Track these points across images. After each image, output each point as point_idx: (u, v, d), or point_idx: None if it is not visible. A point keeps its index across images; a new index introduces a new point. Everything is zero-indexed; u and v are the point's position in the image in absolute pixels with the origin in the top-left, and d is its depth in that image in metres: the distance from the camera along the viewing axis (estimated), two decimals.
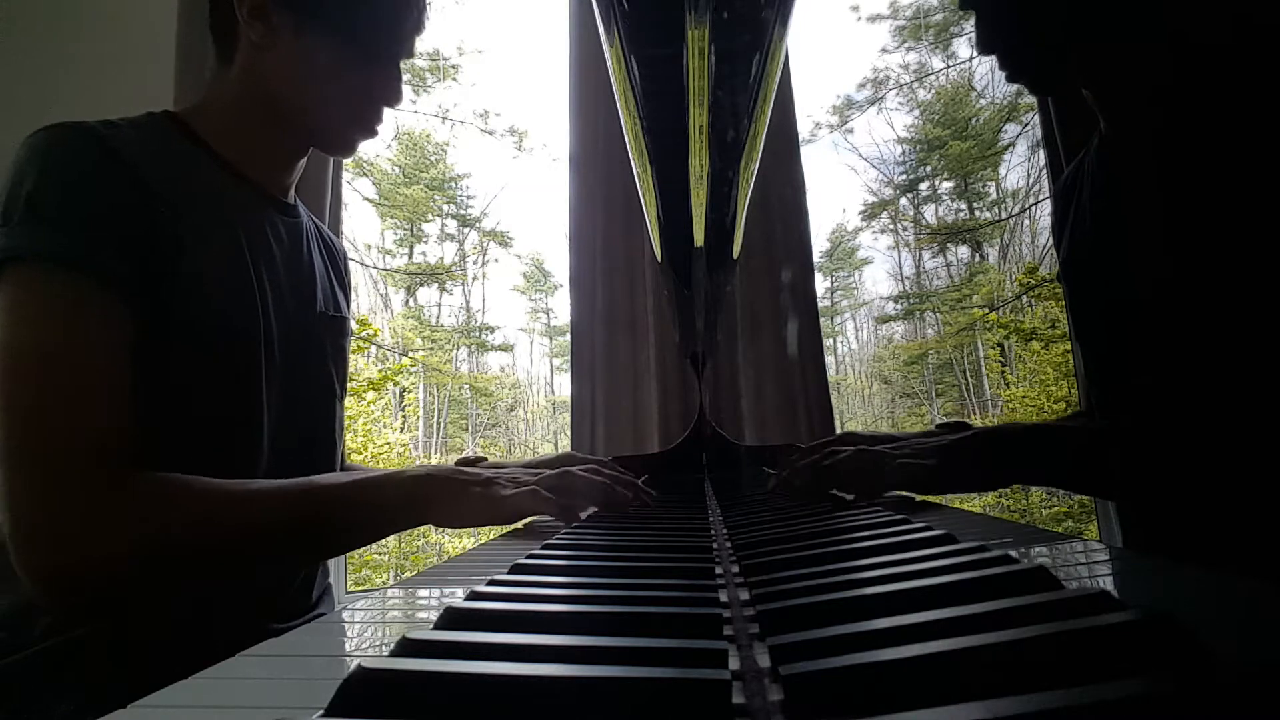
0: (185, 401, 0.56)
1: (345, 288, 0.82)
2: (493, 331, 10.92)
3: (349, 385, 0.80)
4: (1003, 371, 8.86)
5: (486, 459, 0.88)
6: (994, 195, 10.09)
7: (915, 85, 10.19)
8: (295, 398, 0.67)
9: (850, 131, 10.72)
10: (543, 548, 0.41)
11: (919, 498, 0.61)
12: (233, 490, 0.53)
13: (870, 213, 10.85)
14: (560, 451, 0.91)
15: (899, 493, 0.62)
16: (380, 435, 6.59)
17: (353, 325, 0.82)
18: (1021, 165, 9.67)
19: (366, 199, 9.92)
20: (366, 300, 9.93)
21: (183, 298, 0.57)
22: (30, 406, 0.49)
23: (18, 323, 0.51)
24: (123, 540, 0.48)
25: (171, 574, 0.52)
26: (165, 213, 0.57)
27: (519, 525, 0.62)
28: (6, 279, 0.52)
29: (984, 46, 0.67)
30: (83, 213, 0.53)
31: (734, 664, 0.21)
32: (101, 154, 0.56)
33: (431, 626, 0.24)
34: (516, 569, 0.34)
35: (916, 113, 10.37)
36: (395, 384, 7.53)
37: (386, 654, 0.21)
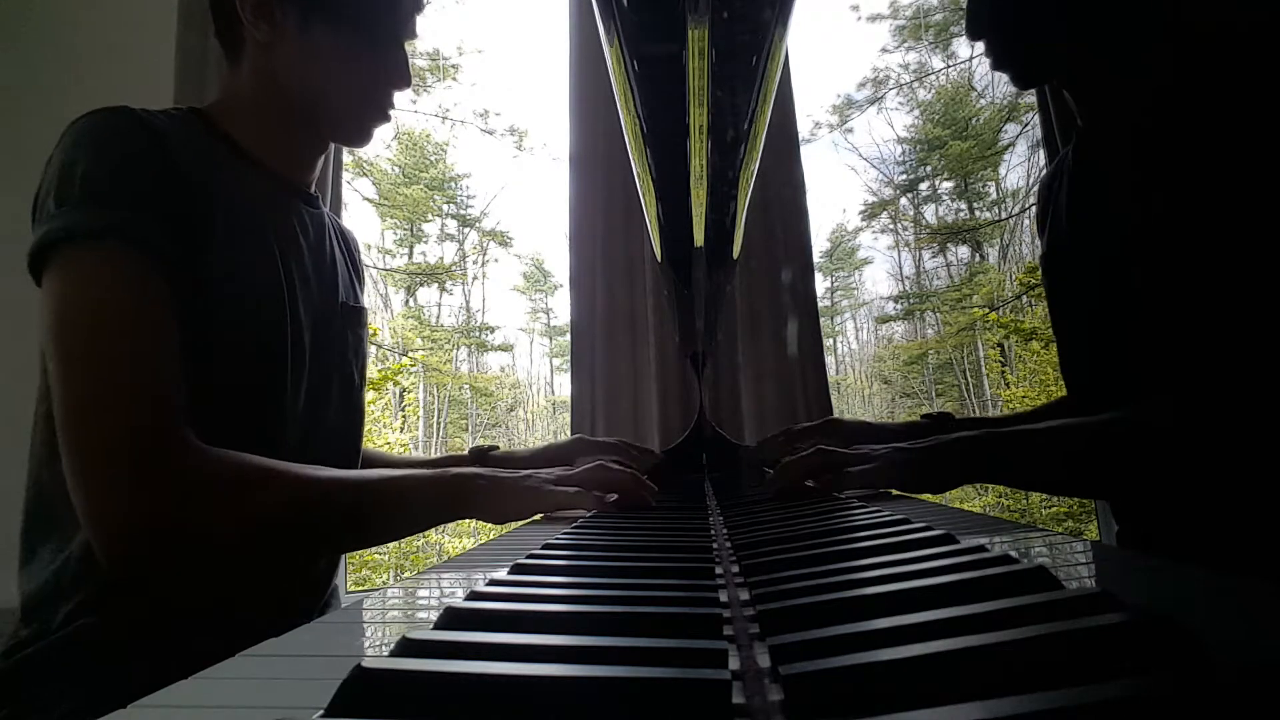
0: (214, 388, 0.57)
1: (359, 276, 0.83)
2: (493, 331, 10.92)
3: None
4: (1003, 371, 8.86)
5: (499, 447, 0.89)
6: (994, 195, 10.09)
7: (915, 85, 10.19)
8: (321, 387, 0.68)
9: (850, 131, 10.72)
10: (543, 548, 0.41)
11: (918, 496, 0.62)
12: (299, 472, 0.55)
13: (870, 213, 10.84)
14: (571, 438, 0.92)
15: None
16: (380, 435, 6.59)
17: (367, 313, 0.83)
18: (1021, 165, 9.66)
19: (366, 199, 9.91)
20: (367, 300, 9.90)
21: (214, 285, 0.58)
22: (99, 377, 0.50)
23: (80, 300, 0.52)
24: (191, 510, 0.50)
25: (231, 547, 0.53)
26: (201, 200, 0.58)
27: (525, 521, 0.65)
28: (66, 258, 0.52)
29: (972, 32, 0.67)
30: (135, 193, 0.54)
31: (734, 664, 0.21)
32: (146, 135, 0.57)
33: (431, 626, 0.24)
34: (516, 569, 0.34)
35: (916, 113, 10.37)
36: (395, 384, 7.53)
37: (386, 654, 0.21)
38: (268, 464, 0.55)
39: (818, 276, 1.48)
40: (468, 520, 0.63)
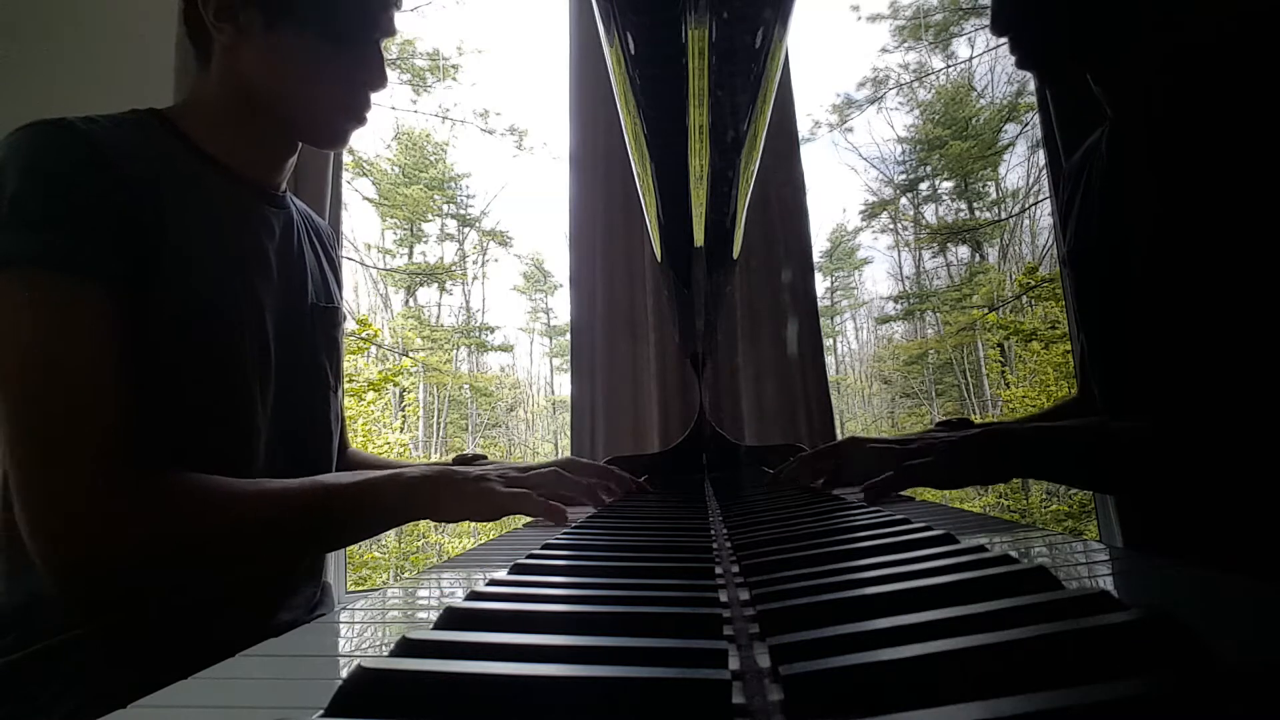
0: (174, 395, 0.56)
1: (336, 272, 0.81)
2: (493, 331, 10.93)
3: (347, 382, 0.80)
4: (1003, 371, 8.87)
5: (485, 456, 0.88)
6: (994, 195, 10.10)
7: (915, 85, 10.19)
8: (289, 390, 0.67)
9: (850, 131, 10.73)
10: (543, 548, 0.41)
11: (919, 496, 0.61)
12: (242, 489, 0.55)
13: (870, 212, 10.85)
14: (562, 457, 0.92)
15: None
16: (380, 435, 6.59)
17: (345, 312, 0.81)
18: (1021, 165, 9.68)
19: (366, 199, 9.92)
20: (366, 300, 9.94)
21: (165, 291, 0.57)
22: (36, 410, 0.50)
23: (15, 327, 0.51)
24: (132, 536, 0.50)
25: (180, 568, 0.54)
26: (146, 207, 0.57)
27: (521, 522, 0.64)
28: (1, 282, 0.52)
29: (997, 28, 0.67)
30: (68, 213, 0.53)
31: (734, 664, 0.21)
32: (83, 150, 0.55)
33: (431, 626, 0.24)
34: (516, 569, 0.34)
35: (916, 113, 10.38)
36: (395, 384, 7.53)
37: (386, 654, 0.21)
38: (223, 484, 0.55)
39: (818, 276, 1.49)
40: (466, 520, 0.62)
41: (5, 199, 0.52)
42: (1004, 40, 0.67)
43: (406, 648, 0.21)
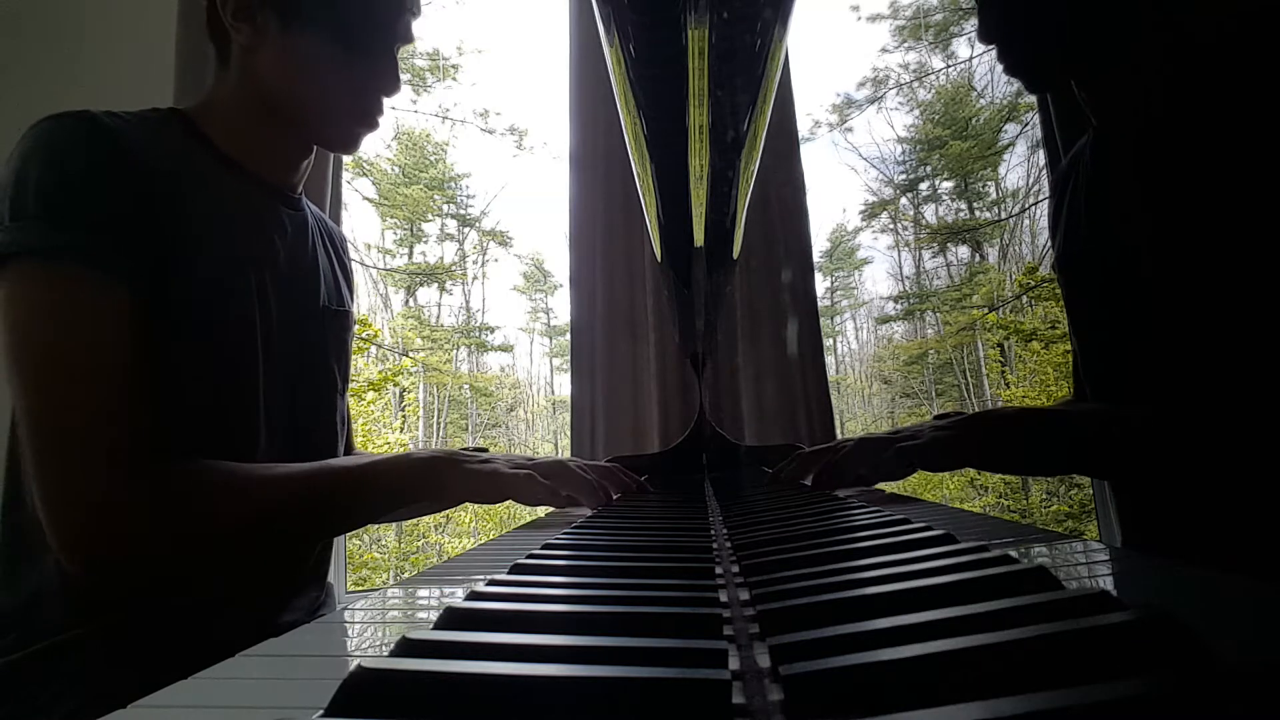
0: (181, 391, 0.57)
1: (347, 277, 0.82)
2: (493, 331, 10.93)
3: (350, 382, 0.80)
4: (1003, 371, 8.87)
5: (489, 449, 0.89)
6: (994, 195, 10.10)
7: (915, 85, 10.20)
8: (296, 391, 0.68)
9: (850, 130, 10.73)
10: (543, 548, 0.41)
11: (919, 495, 0.62)
12: (256, 474, 0.57)
13: (870, 212, 10.86)
14: (561, 457, 0.92)
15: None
16: (380, 435, 6.59)
17: (354, 316, 0.82)
18: (1021, 165, 9.69)
19: (366, 199, 9.92)
20: (366, 300, 9.94)
21: (179, 288, 0.57)
22: (57, 403, 0.50)
23: (36, 319, 0.51)
24: (151, 526, 0.51)
25: (198, 556, 0.55)
26: (164, 203, 0.57)
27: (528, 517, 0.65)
28: (22, 276, 0.52)
29: (985, 36, 0.67)
30: (91, 206, 0.54)
31: (734, 664, 0.21)
32: (106, 144, 0.56)
33: (431, 626, 0.24)
34: (516, 569, 0.34)
35: (916, 112, 10.38)
36: (395, 384, 7.53)
37: (386, 654, 0.21)
38: (234, 470, 0.56)
39: (818, 276, 1.48)
40: (467, 520, 0.63)
41: (29, 191, 0.52)
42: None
43: (406, 648, 0.21)
